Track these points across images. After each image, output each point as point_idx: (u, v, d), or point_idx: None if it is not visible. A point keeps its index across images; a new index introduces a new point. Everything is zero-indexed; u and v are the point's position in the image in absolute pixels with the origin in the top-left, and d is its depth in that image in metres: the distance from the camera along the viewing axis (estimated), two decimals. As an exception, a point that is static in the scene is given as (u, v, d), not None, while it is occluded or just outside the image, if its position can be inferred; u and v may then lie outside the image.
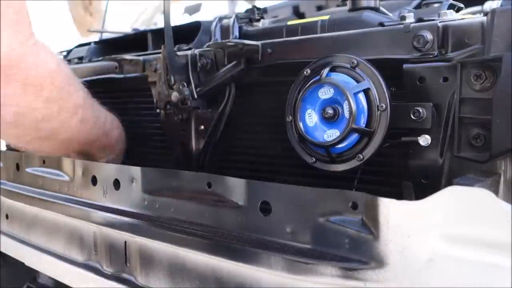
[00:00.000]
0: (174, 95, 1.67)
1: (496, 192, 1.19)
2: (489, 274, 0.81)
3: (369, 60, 1.28)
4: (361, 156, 1.26)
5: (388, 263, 0.91)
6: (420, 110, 1.22)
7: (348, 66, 1.28)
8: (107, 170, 1.46)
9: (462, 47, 1.21)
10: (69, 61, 2.68)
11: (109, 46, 2.64)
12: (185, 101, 1.65)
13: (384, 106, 1.23)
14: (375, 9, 1.64)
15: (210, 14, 4.20)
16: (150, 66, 1.92)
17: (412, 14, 1.39)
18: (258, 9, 2.03)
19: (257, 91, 1.66)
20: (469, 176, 1.18)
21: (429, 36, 1.24)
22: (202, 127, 1.73)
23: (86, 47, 2.69)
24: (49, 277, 1.98)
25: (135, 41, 2.42)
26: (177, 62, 1.68)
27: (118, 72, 2.13)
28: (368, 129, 1.24)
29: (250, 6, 2.14)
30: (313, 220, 1.02)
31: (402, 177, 1.29)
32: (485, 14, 1.23)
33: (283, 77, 1.49)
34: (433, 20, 1.29)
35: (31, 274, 2.54)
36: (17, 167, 1.87)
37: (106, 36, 3.23)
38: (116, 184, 1.42)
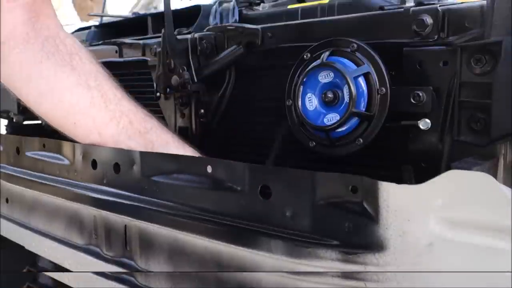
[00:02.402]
0: (174, 79, 1.66)
1: (494, 175, 1.19)
2: (489, 257, 0.81)
3: (369, 44, 1.28)
4: (361, 140, 1.26)
5: (388, 247, 0.91)
6: (420, 94, 1.22)
7: (348, 50, 1.28)
8: (107, 154, 1.46)
9: (462, 31, 1.21)
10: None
11: (109, 30, 2.64)
12: (185, 85, 1.65)
13: (384, 90, 1.23)
14: (375, -7, 1.64)
15: (210, -2, 4.19)
16: (150, 50, 1.92)
17: (412, -2, 1.39)
18: (258, -7, 2.03)
19: (257, 75, 1.66)
20: (467, 160, 1.18)
21: (429, 20, 1.24)
22: (202, 111, 1.73)
23: (86, 31, 2.69)
24: (49, 261, 1.98)
25: (135, 25, 2.41)
26: (177, 46, 1.67)
27: (118, 56, 2.13)
28: (368, 113, 1.24)
29: (250, -10, 2.13)
30: (313, 204, 1.02)
31: (402, 161, 1.29)
32: (485, -2, 1.23)
33: (283, 61, 1.49)
34: (433, 4, 1.29)
35: (31, 258, 2.54)
36: (17, 151, 1.87)
37: (106, 20, 3.23)
38: (116, 167, 1.42)
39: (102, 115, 1.48)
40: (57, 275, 1.78)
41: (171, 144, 1.48)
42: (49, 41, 1.51)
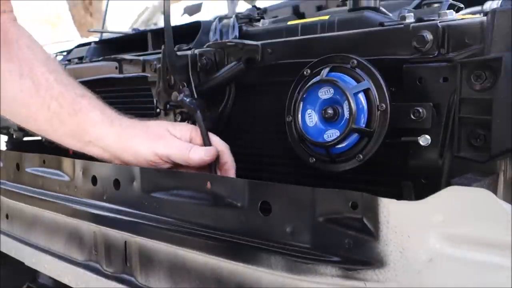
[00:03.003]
0: (174, 95, 1.66)
1: (494, 191, 1.19)
2: (489, 274, 0.81)
3: (369, 60, 1.28)
4: (361, 156, 1.26)
5: (388, 263, 0.91)
6: (420, 110, 1.22)
7: (348, 66, 1.28)
8: (107, 170, 1.46)
9: (462, 47, 1.21)
10: (69, 61, 2.69)
11: (109, 46, 2.65)
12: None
13: (384, 106, 1.23)
14: (375, 9, 1.64)
15: (210, 14, 4.21)
16: (150, 66, 1.92)
17: (412, 14, 1.39)
18: (258, 9, 2.04)
19: (257, 91, 1.66)
20: (467, 176, 1.18)
21: (429, 36, 1.24)
22: (202, 127, 1.73)
23: (86, 47, 2.70)
24: (49, 277, 1.98)
25: (135, 41, 2.42)
26: (177, 62, 1.67)
27: (118, 72, 2.14)
28: (368, 129, 1.24)
29: (250, 6, 2.14)
30: (313, 220, 1.02)
31: (402, 177, 1.29)
32: (485, 14, 1.23)
33: (283, 77, 1.49)
34: (433, 20, 1.29)
35: (31, 274, 2.54)
36: (17, 167, 1.87)
37: (106, 36, 3.24)
38: (116, 184, 1.42)
39: (33, 102, 1.49)
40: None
41: (99, 124, 1.48)
42: None
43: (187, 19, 4.67)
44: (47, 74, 1.51)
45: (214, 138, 1.47)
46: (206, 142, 1.44)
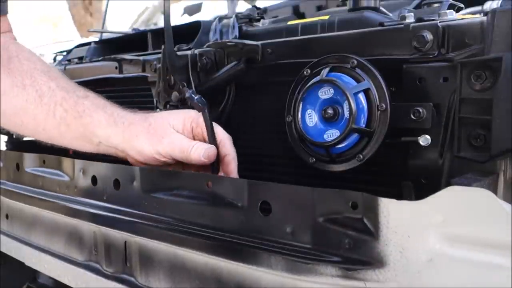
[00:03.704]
0: (174, 95, 1.67)
1: (494, 191, 1.19)
2: (489, 274, 0.81)
3: (369, 60, 1.28)
4: (361, 156, 1.26)
5: (388, 263, 0.91)
6: (420, 110, 1.22)
7: (348, 66, 1.28)
8: (107, 170, 1.46)
9: (462, 47, 1.21)
10: (69, 61, 2.69)
11: (109, 46, 2.65)
12: (185, 101, 1.65)
13: (384, 106, 1.23)
14: (375, 9, 1.64)
15: (210, 14, 4.21)
16: (150, 66, 1.92)
17: (412, 14, 1.39)
18: (258, 9, 2.04)
19: (257, 91, 1.66)
20: (467, 176, 1.18)
21: (429, 36, 1.24)
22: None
23: (86, 47, 2.70)
24: (49, 277, 1.98)
25: (135, 41, 2.42)
26: (177, 62, 1.67)
27: (118, 72, 2.14)
28: (368, 129, 1.24)
29: (250, 6, 2.14)
30: (313, 220, 1.02)
31: (402, 177, 1.29)
32: (485, 14, 1.23)
33: (283, 77, 1.49)
34: (433, 20, 1.29)
35: (31, 274, 2.54)
36: (17, 167, 1.87)
37: (106, 36, 3.24)
38: (116, 184, 1.42)
39: (39, 111, 1.50)
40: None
41: (104, 125, 1.48)
42: None
43: (187, 19, 4.67)
44: (48, 82, 1.52)
45: (217, 129, 1.46)
46: (212, 142, 1.43)
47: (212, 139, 1.42)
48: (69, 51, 2.84)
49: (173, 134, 1.42)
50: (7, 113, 1.52)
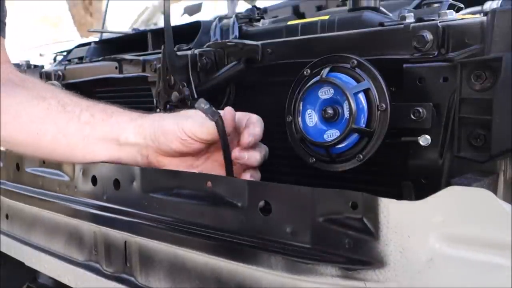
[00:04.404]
0: (174, 95, 1.66)
1: (494, 191, 1.19)
2: (489, 274, 0.81)
3: (369, 60, 1.28)
4: (361, 156, 1.26)
5: (388, 263, 0.91)
6: (420, 110, 1.21)
7: (348, 66, 1.28)
8: (107, 170, 1.46)
9: (462, 47, 1.21)
10: (69, 61, 2.69)
11: (109, 46, 2.65)
12: (185, 101, 1.65)
13: (384, 106, 1.23)
14: (375, 9, 1.64)
15: (210, 14, 4.21)
16: (150, 66, 1.92)
17: (412, 14, 1.39)
18: (258, 9, 2.03)
19: (257, 91, 1.66)
20: (467, 176, 1.18)
21: (429, 36, 1.24)
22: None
23: (86, 47, 2.70)
24: (49, 277, 1.98)
25: (135, 41, 2.42)
26: (177, 62, 1.67)
27: (118, 72, 2.14)
28: (368, 129, 1.24)
29: (250, 6, 2.14)
30: (313, 220, 1.02)
31: (402, 177, 1.29)
32: (485, 14, 1.23)
33: (283, 77, 1.49)
34: (433, 20, 1.29)
35: (31, 274, 2.54)
36: (17, 167, 1.87)
37: (106, 36, 3.24)
38: (116, 184, 1.42)
39: (61, 117, 1.48)
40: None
41: (134, 116, 1.50)
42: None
43: (187, 19, 4.67)
44: (70, 96, 1.53)
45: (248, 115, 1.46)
46: (227, 159, 1.41)
47: (228, 157, 1.41)
48: (69, 51, 2.84)
49: (200, 116, 1.41)
50: (22, 120, 1.48)
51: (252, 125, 1.41)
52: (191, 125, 1.39)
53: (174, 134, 1.40)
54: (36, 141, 1.52)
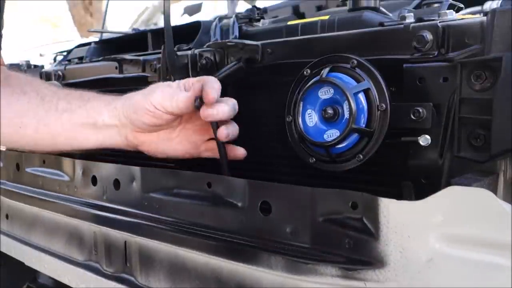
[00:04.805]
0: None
1: (494, 191, 1.19)
2: (489, 274, 0.81)
3: (369, 60, 1.28)
4: (361, 156, 1.26)
5: (388, 263, 0.91)
6: (420, 110, 1.21)
7: (348, 66, 1.28)
8: (107, 170, 1.46)
9: (462, 47, 1.21)
10: (69, 61, 2.68)
11: (109, 46, 2.65)
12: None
13: (384, 106, 1.23)
14: (375, 9, 1.64)
15: (210, 14, 4.21)
16: (150, 66, 1.92)
17: (412, 14, 1.39)
18: (258, 9, 2.03)
19: (257, 91, 1.66)
20: (467, 176, 1.18)
21: (429, 36, 1.24)
22: (202, 127, 1.73)
23: (86, 47, 2.70)
24: (49, 277, 1.98)
25: (135, 41, 2.42)
26: (177, 62, 1.67)
27: (118, 72, 2.13)
28: (368, 129, 1.24)
29: (250, 6, 2.14)
30: (313, 220, 1.02)
31: (402, 177, 1.29)
32: (485, 14, 1.23)
33: (283, 77, 1.49)
34: (433, 20, 1.29)
35: (31, 274, 2.54)
36: (17, 167, 1.87)
37: (106, 36, 3.24)
38: (116, 184, 1.42)
39: (40, 108, 1.51)
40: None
41: (110, 100, 1.53)
42: None
43: (187, 19, 4.67)
44: (50, 87, 1.56)
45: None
46: (222, 156, 1.42)
47: (225, 162, 1.42)
48: (69, 51, 2.84)
49: (165, 87, 1.42)
50: (5, 116, 1.51)
51: (209, 82, 1.40)
52: (160, 97, 1.41)
53: (143, 108, 1.42)
54: (21, 134, 1.55)
